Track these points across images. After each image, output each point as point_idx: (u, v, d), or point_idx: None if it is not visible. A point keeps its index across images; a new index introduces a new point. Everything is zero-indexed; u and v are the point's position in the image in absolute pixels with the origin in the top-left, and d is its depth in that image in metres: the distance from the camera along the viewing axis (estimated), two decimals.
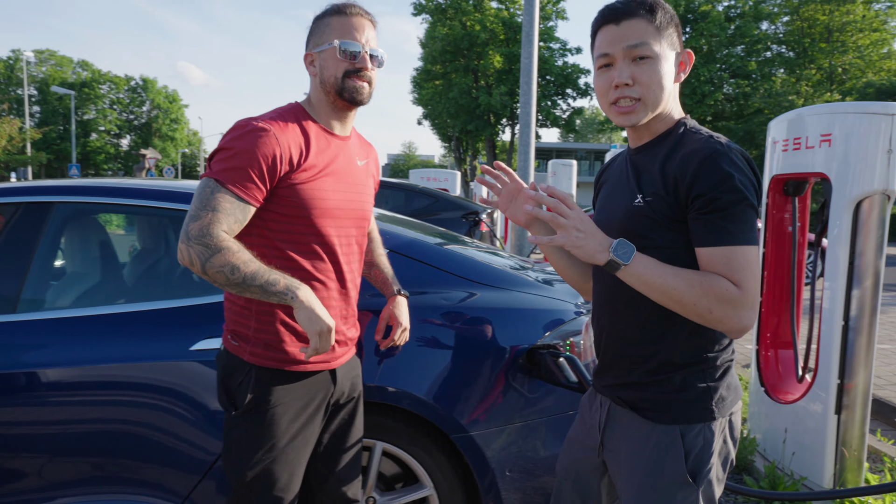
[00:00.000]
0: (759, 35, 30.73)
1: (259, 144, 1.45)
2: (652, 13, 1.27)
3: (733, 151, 1.22)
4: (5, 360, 2.03)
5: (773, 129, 3.36)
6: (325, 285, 1.63)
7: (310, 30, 1.64)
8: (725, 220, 1.19)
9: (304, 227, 1.56)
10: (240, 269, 1.42)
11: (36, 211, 2.20)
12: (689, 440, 1.30)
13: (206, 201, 1.44)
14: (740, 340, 6.35)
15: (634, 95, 1.27)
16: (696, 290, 1.19)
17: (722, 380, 1.33)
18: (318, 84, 1.61)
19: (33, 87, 54.96)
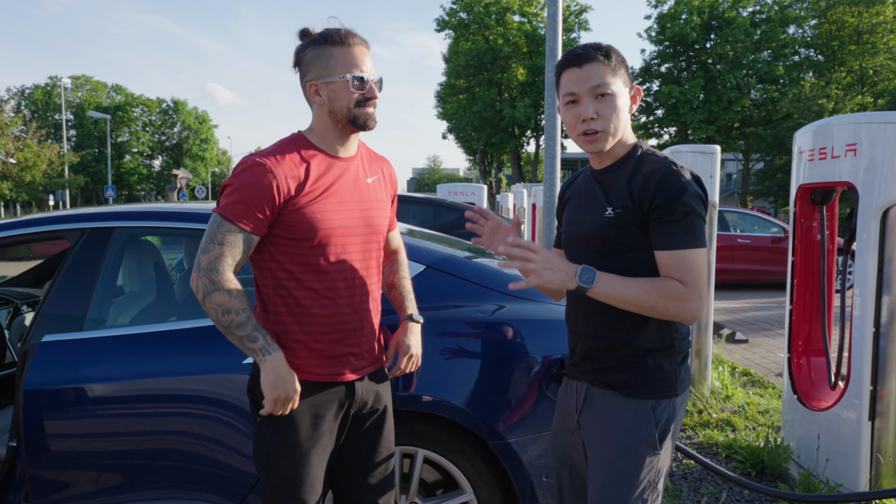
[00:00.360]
0: (786, 39, 30.36)
1: (257, 179, 1.56)
2: (608, 57, 1.52)
3: (684, 171, 1.48)
4: (73, 375, 2.19)
5: (799, 139, 3.40)
6: (334, 302, 1.69)
7: (307, 58, 1.66)
8: (678, 227, 1.45)
9: (309, 249, 1.64)
10: (230, 314, 1.56)
11: (99, 235, 2.37)
12: (657, 413, 1.55)
13: (214, 235, 1.57)
14: (773, 349, 6.31)
15: (598, 127, 1.52)
16: (651, 295, 1.44)
17: (683, 364, 1.60)
18: (326, 113, 1.67)
19: (70, 112, 56.80)
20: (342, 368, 1.73)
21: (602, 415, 1.61)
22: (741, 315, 8.33)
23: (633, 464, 1.55)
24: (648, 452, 1.55)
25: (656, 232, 1.47)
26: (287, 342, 1.68)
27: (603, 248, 1.55)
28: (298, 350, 1.68)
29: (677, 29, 30.54)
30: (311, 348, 1.68)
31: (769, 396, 4.62)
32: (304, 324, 1.67)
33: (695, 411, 4.23)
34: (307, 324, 1.68)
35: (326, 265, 1.67)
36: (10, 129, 29.30)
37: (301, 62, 1.69)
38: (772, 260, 10.38)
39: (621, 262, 1.53)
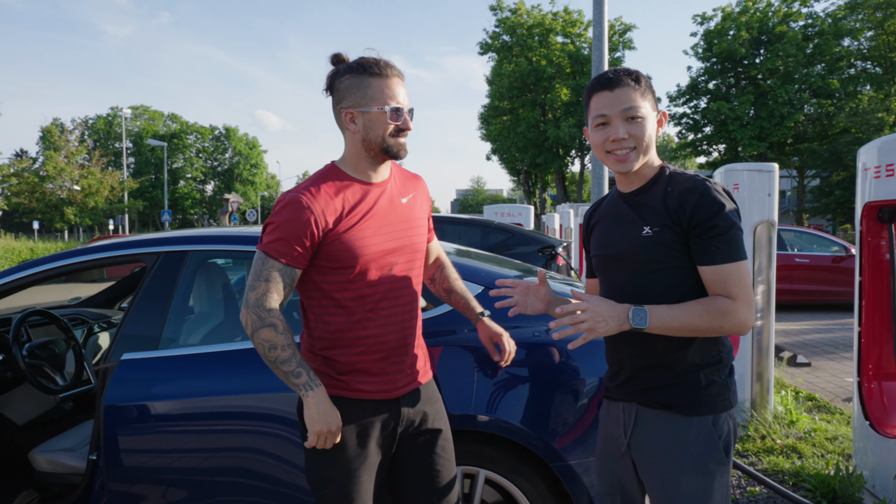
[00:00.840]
0: (840, 52, 29.47)
1: (296, 216, 1.63)
2: (637, 82, 1.58)
3: (717, 186, 1.53)
4: (149, 392, 2.30)
5: (864, 156, 3.31)
6: (377, 323, 1.73)
7: (343, 85, 1.69)
8: (721, 242, 1.49)
9: (352, 275, 1.69)
10: (276, 350, 1.63)
11: (174, 259, 2.49)
12: (718, 427, 1.56)
13: (259, 273, 1.64)
14: (838, 373, 6.06)
15: (630, 146, 1.57)
16: (704, 318, 1.48)
17: (731, 377, 1.62)
18: (360, 141, 1.71)
19: (129, 140, 59.49)
20: (387, 386, 1.77)
21: (661, 436, 1.59)
22: (802, 337, 8.04)
23: (705, 482, 1.54)
24: (718, 469, 1.55)
25: (700, 248, 1.50)
26: (333, 363, 1.74)
27: (642, 267, 1.58)
28: (344, 370, 1.74)
29: (725, 45, 30.06)
30: (356, 368, 1.74)
31: (837, 422, 4.44)
32: (349, 346, 1.73)
33: (757, 437, 4.09)
34: (352, 346, 1.73)
35: (369, 289, 1.72)
36: (75, 157, 30.86)
37: (336, 89, 1.72)
38: (833, 280, 10.01)
39: (662, 280, 1.56)
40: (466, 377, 2.22)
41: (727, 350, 1.61)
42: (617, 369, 1.70)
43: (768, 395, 4.38)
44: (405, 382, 1.81)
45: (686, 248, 1.54)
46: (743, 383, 4.40)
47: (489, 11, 36.59)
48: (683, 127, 33.76)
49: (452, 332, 2.30)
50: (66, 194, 29.98)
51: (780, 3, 30.53)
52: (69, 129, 32.70)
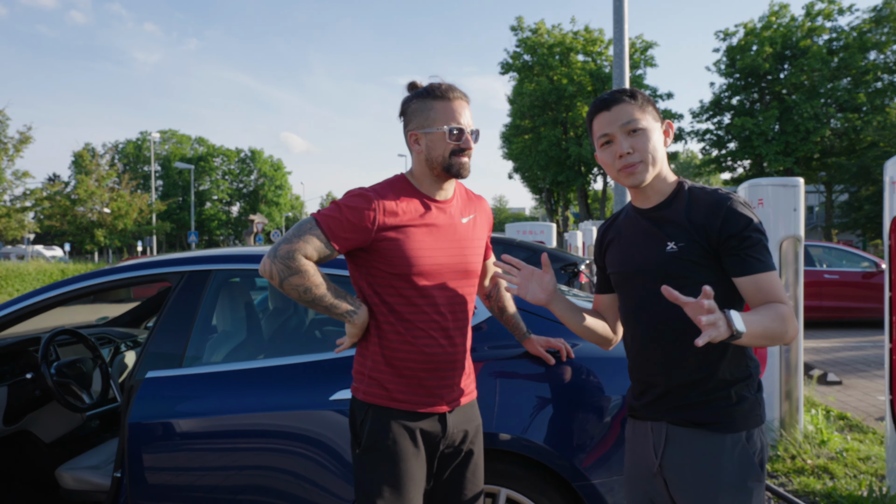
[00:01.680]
0: (867, 66, 29.07)
1: (359, 205, 1.71)
2: (633, 97, 1.59)
3: (739, 198, 1.53)
4: (172, 409, 2.32)
5: (891, 169, 3.26)
6: (428, 334, 1.77)
7: (410, 109, 1.80)
8: (757, 252, 1.49)
9: (405, 282, 1.74)
10: (311, 291, 1.70)
11: (198, 278, 2.54)
12: (752, 443, 1.54)
13: (302, 232, 1.71)
14: (870, 391, 5.90)
15: (636, 160, 1.57)
16: (777, 323, 1.42)
17: (760, 392, 1.60)
18: (423, 160, 1.79)
19: (158, 163, 60.84)
20: (433, 399, 1.79)
21: (695, 455, 1.56)
22: (832, 355, 7.85)
23: (743, 500, 1.53)
24: (755, 486, 1.54)
25: (736, 260, 1.49)
26: (384, 372, 1.77)
27: (666, 282, 1.52)
28: (392, 377, 1.77)
29: (748, 60, 29.85)
30: (403, 376, 1.77)
31: (870, 442, 4.31)
32: (397, 351, 1.76)
33: (787, 457, 3.99)
34: (400, 352, 1.76)
35: (421, 299, 1.76)
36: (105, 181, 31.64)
37: (405, 113, 1.82)
38: (863, 296, 9.78)
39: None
40: (488, 395, 2.21)
41: (755, 365, 1.60)
42: (644, 388, 1.66)
43: (798, 414, 4.27)
44: (452, 398, 1.83)
45: (712, 264, 1.53)
46: (772, 402, 4.30)
47: (510, 32, 36.91)
48: (707, 143, 33.48)
49: (474, 350, 2.30)
50: (96, 217, 30.70)
51: (804, 17, 30.28)
52: (100, 154, 33.57)
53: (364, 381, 1.80)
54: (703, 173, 37.52)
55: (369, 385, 1.79)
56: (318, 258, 1.72)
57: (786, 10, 30.83)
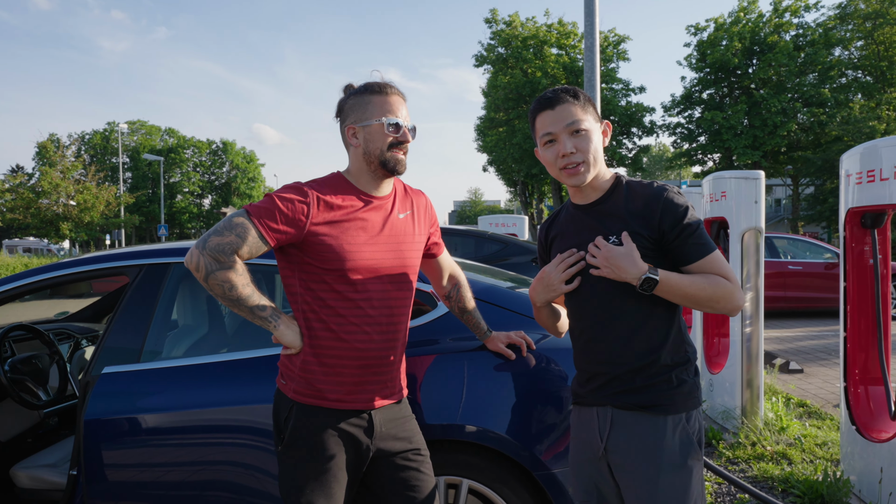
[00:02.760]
0: (832, 62, 29.71)
1: (293, 196, 1.70)
2: (576, 98, 1.64)
3: (674, 188, 1.62)
4: (130, 405, 2.29)
5: (847, 162, 3.34)
6: (361, 329, 1.76)
7: (347, 105, 1.81)
8: (698, 238, 1.57)
9: (339, 278, 1.73)
10: (237, 289, 1.68)
11: (156, 271, 2.49)
12: (691, 424, 1.62)
13: (233, 225, 1.68)
14: (830, 379, 6.07)
15: (579, 160, 1.62)
16: (708, 291, 1.55)
17: (697, 376, 1.68)
18: (361, 154, 1.79)
19: (126, 155, 59.55)
20: (363, 396, 1.79)
21: (639, 437, 1.62)
22: (795, 344, 8.04)
23: (683, 478, 1.59)
24: (695, 465, 1.61)
25: (681, 249, 1.58)
26: (313, 369, 1.77)
27: None
28: (323, 375, 1.76)
29: (718, 55, 30.27)
30: (336, 372, 1.76)
31: (827, 428, 4.43)
32: (328, 349, 1.75)
33: (748, 443, 4.09)
34: (332, 349, 1.75)
35: (356, 294, 1.76)
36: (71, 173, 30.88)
37: (342, 110, 1.83)
38: (826, 286, 10.03)
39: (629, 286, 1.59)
40: (451, 386, 2.22)
41: (692, 350, 1.68)
42: (590, 376, 1.71)
43: (759, 402, 4.37)
44: (382, 396, 1.83)
45: (654, 253, 1.59)
46: (734, 390, 4.40)
47: (484, 24, 36.87)
48: (679, 137, 33.92)
49: (436, 342, 2.31)
50: (61, 209, 29.97)
51: (772, 13, 30.80)
52: (65, 145, 32.75)
53: (294, 379, 1.79)
54: (674, 166, 38.06)
55: (299, 383, 1.78)
56: (249, 253, 1.70)
57: (754, 6, 31.31)
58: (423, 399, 2.21)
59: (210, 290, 1.69)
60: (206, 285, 1.68)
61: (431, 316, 2.35)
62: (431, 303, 2.38)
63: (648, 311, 1.61)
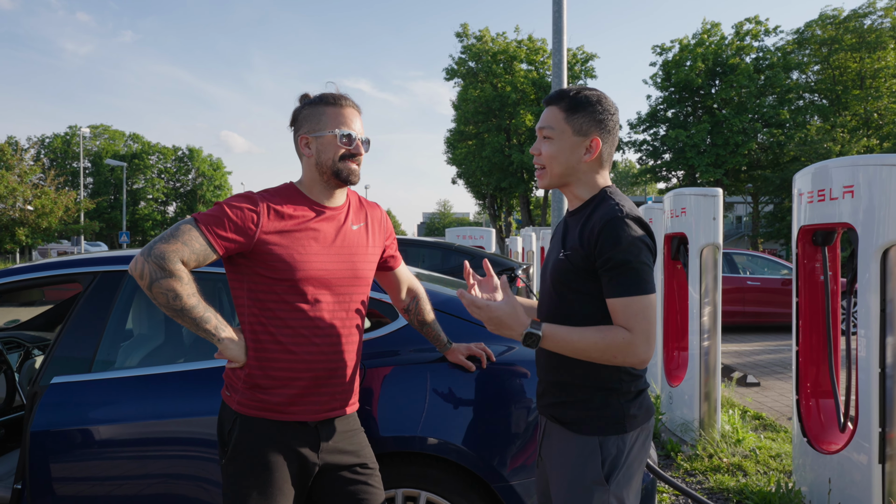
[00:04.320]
0: (790, 84, 30.78)
1: (242, 204, 1.68)
2: (573, 103, 1.62)
3: (628, 218, 1.52)
4: (80, 417, 2.22)
5: (799, 181, 3.45)
6: (310, 341, 1.73)
7: (302, 115, 1.80)
8: (622, 276, 1.50)
9: (289, 289, 1.70)
10: (181, 299, 1.62)
11: (111, 279, 2.44)
12: (605, 449, 1.58)
13: (179, 233, 1.63)
14: (785, 392, 6.22)
15: (540, 163, 1.67)
16: (598, 346, 1.50)
17: (634, 401, 1.61)
18: (314, 165, 1.78)
19: (88, 160, 58.14)
20: (309, 407, 1.76)
21: (555, 449, 1.66)
22: (753, 358, 8.23)
23: (582, 499, 1.57)
24: (596, 489, 1.57)
25: (603, 280, 1.53)
26: (259, 380, 1.73)
27: (557, 287, 1.64)
28: (269, 387, 1.73)
29: (682, 75, 31.09)
30: (283, 384, 1.72)
31: (781, 440, 4.54)
32: (276, 362, 1.72)
33: (705, 455, 4.16)
34: (280, 362, 1.72)
35: (306, 305, 1.73)
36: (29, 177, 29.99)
37: (296, 119, 1.82)
38: (783, 302, 10.31)
39: (567, 302, 1.61)
40: (411, 398, 2.22)
41: (630, 377, 1.61)
42: (538, 384, 1.77)
43: (716, 415, 4.46)
44: (330, 408, 1.79)
45: (594, 276, 1.56)
46: (692, 403, 4.48)
47: (455, 38, 37.18)
48: (644, 154, 34.65)
49: (396, 353, 2.30)
50: (17, 214, 29.05)
51: (734, 36, 31.80)
52: (24, 148, 31.83)
53: (238, 391, 1.75)
54: (640, 182, 38.74)
55: (243, 395, 1.74)
56: (196, 262, 1.65)
57: (717, 29, 32.31)
58: (382, 411, 2.20)
59: (154, 300, 1.63)
60: (149, 294, 1.62)
61: (392, 327, 2.34)
62: (392, 314, 2.37)
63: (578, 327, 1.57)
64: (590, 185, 1.66)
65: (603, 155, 1.64)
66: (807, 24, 30.90)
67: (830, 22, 29.88)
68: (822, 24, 30.17)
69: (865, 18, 29.15)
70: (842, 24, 29.42)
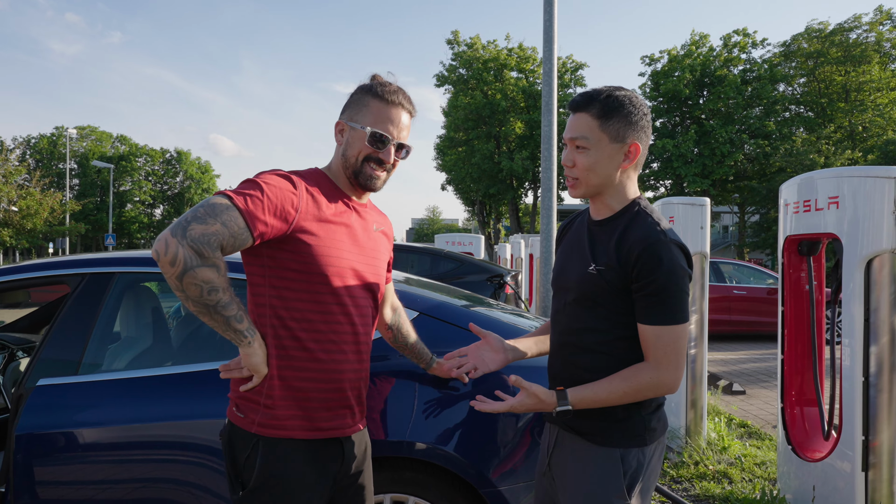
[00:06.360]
0: (776, 96, 31.19)
1: (281, 184, 1.47)
2: (604, 108, 1.51)
3: (672, 242, 1.47)
4: (66, 419, 2.20)
5: (785, 192, 3.50)
6: (341, 349, 1.58)
7: (351, 97, 1.64)
8: (659, 303, 1.45)
9: (319, 285, 1.52)
10: (218, 293, 1.38)
11: (99, 281, 2.42)
12: (626, 462, 1.54)
13: (218, 212, 1.37)
14: (771, 400, 6.27)
15: (574, 175, 1.56)
16: (629, 394, 1.48)
17: (654, 414, 1.58)
18: (341, 155, 1.63)
19: (74, 161, 57.60)
20: (340, 422, 1.60)
21: (571, 460, 1.60)
22: (738, 366, 8.30)
23: None
24: (617, 502, 1.53)
25: (638, 304, 1.48)
26: (279, 391, 1.52)
27: (582, 301, 1.56)
28: (288, 403, 1.53)
29: (671, 85, 31.39)
30: (306, 397, 1.54)
31: (766, 448, 4.58)
32: (301, 371, 1.53)
33: (691, 463, 4.19)
34: (306, 371, 1.53)
35: (337, 307, 1.56)
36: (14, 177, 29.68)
37: (345, 104, 1.66)
38: (768, 311, 10.41)
39: (592, 318, 1.55)
40: (401, 403, 2.22)
41: None
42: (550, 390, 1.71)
43: (702, 422, 4.49)
44: (356, 420, 1.65)
45: (627, 295, 1.50)
46: (679, 411, 4.51)
47: (446, 45, 37.32)
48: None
49: (387, 358, 2.30)
50: (2, 215, 28.73)
51: (722, 48, 32.18)
52: (9, 148, 31.53)
53: (257, 410, 1.53)
54: None
55: (264, 415, 1.52)
56: (231, 249, 1.41)
57: (706, 40, 32.67)
58: (371, 415, 2.19)
59: (181, 290, 1.36)
60: (177, 284, 1.35)
61: None
62: None
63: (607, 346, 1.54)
64: (622, 194, 1.58)
65: (639, 160, 1.57)
66: (793, 37, 31.38)
67: (816, 35, 30.36)
68: (809, 37, 30.65)
69: (851, 32, 29.64)
70: (828, 38, 29.89)
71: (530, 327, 2.59)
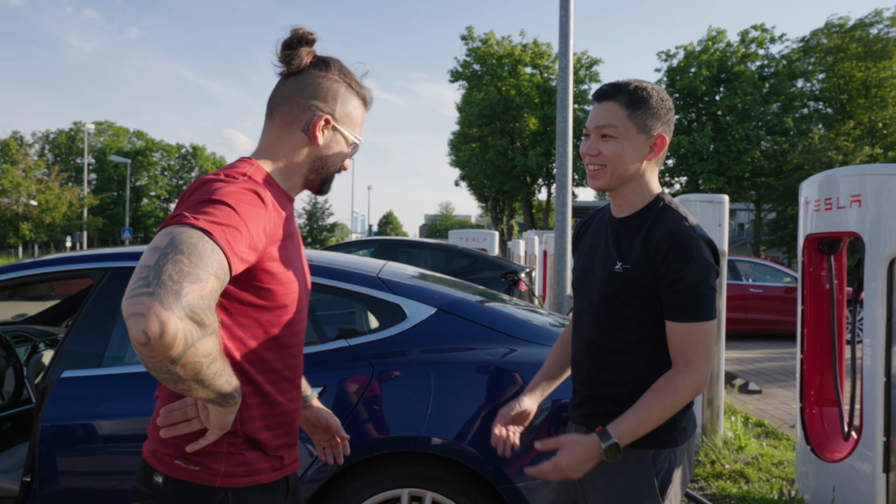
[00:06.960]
0: (794, 92, 30.79)
1: (254, 206, 1.14)
2: (632, 98, 1.50)
3: (701, 238, 1.45)
4: (90, 411, 2.23)
5: (806, 189, 3.46)
6: (294, 385, 1.36)
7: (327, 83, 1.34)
8: (688, 300, 1.43)
9: (276, 318, 1.27)
10: (216, 363, 1.05)
11: (122, 275, 2.45)
12: (658, 463, 1.51)
13: (206, 261, 1.01)
14: (787, 400, 6.22)
15: (599, 163, 1.52)
16: (668, 407, 1.44)
17: (684, 414, 1.55)
18: (312, 157, 1.34)
19: (92, 156, 58.26)
20: (287, 461, 1.36)
21: (602, 463, 1.54)
22: (755, 365, 8.24)
23: None
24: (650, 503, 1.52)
25: (667, 301, 1.45)
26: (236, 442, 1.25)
27: (608, 300, 1.54)
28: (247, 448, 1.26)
29: (687, 81, 31.11)
30: (267, 444, 1.29)
31: (783, 448, 4.55)
32: (266, 417, 1.28)
33: (707, 462, 4.17)
34: (267, 416, 1.29)
35: (290, 338, 1.32)
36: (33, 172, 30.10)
37: (313, 78, 1.33)
38: (784, 310, 10.31)
39: (620, 318, 1.52)
40: (417, 398, 2.23)
41: None
42: (575, 391, 1.69)
43: (718, 421, 4.47)
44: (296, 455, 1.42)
45: (654, 294, 1.48)
46: (695, 409, 4.48)
47: (460, 41, 37.27)
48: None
49: (404, 353, 2.31)
50: (21, 209, 29.14)
51: (739, 43, 31.83)
52: (28, 143, 31.93)
53: (221, 459, 1.23)
54: None
55: (231, 462, 1.24)
56: None
57: (723, 36, 32.33)
58: (388, 411, 2.21)
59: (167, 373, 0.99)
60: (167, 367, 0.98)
61: (399, 328, 2.35)
62: (400, 314, 2.39)
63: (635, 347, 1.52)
64: (645, 189, 1.55)
65: (662, 153, 1.56)
66: (812, 32, 30.92)
67: (836, 31, 29.89)
68: (828, 32, 30.19)
69: (871, 27, 29.15)
70: (847, 33, 29.43)
71: (544, 323, 2.59)
